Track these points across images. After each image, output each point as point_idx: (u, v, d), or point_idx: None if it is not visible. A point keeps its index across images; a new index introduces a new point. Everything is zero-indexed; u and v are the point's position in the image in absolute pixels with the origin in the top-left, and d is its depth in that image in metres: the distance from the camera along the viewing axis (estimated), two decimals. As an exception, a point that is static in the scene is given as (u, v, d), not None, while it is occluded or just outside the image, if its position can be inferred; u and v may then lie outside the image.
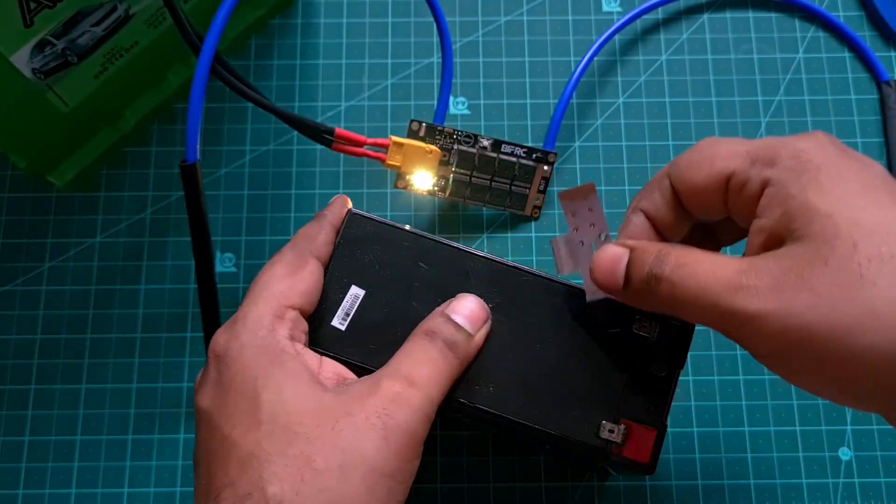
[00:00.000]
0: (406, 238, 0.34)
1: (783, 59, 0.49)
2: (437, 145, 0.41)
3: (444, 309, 0.32)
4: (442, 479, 0.42)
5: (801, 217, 0.26)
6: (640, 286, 0.29)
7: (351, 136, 0.38)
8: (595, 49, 0.46)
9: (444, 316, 0.32)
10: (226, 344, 0.30)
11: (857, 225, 0.25)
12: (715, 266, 0.27)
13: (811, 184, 0.26)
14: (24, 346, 0.44)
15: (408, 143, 0.40)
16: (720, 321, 0.27)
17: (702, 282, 0.27)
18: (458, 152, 0.41)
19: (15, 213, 0.46)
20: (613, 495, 0.42)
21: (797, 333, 0.25)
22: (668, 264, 0.28)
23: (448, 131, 0.41)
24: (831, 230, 0.25)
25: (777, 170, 0.28)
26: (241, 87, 0.37)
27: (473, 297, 0.33)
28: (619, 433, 0.32)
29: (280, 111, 0.37)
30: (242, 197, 0.47)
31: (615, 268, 0.30)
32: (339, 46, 0.49)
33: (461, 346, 0.32)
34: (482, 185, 0.42)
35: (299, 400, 0.29)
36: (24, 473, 0.42)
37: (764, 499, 0.42)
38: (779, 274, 0.26)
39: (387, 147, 0.40)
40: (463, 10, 0.50)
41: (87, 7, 0.38)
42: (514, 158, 0.42)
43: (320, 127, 0.38)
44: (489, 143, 0.42)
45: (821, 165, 0.27)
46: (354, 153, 0.39)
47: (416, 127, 0.41)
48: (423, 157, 0.41)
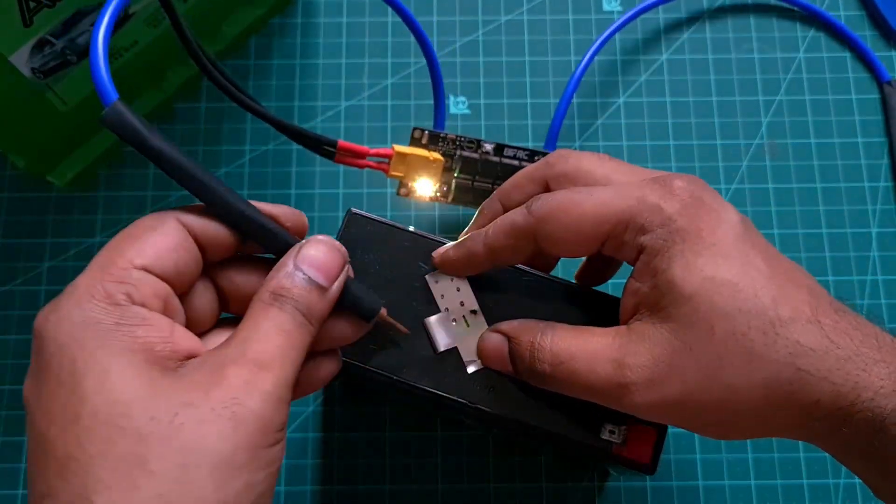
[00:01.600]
0: (406, 238, 0.34)
1: (784, 58, 0.49)
2: (439, 151, 0.41)
3: (293, 258, 0.27)
4: (442, 479, 0.42)
5: (668, 296, 0.28)
6: (530, 377, 0.31)
7: (354, 147, 0.37)
8: (596, 48, 0.46)
9: (294, 268, 0.27)
10: (44, 316, 0.25)
11: (714, 308, 0.27)
12: (592, 362, 0.29)
13: (677, 259, 0.28)
14: (24, 346, 0.44)
15: (411, 153, 0.39)
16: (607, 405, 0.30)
17: (583, 380, 0.29)
18: (461, 158, 0.41)
19: (14, 213, 0.46)
20: (614, 495, 0.42)
21: (673, 411, 0.29)
22: (545, 362, 0.30)
23: (451, 137, 0.41)
24: (692, 315, 0.28)
25: (649, 237, 0.29)
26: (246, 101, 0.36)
27: (326, 238, 0.28)
28: (620, 433, 0.32)
29: (282, 124, 0.36)
30: (242, 197, 0.46)
31: (501, 356, 0.32)
32: (338, 46, 0.49)
33: (315, 307, 0.27)
34: (484, 189, 0.42)
35: (127, 386, 0.24)
36: (25, 473, 0.42)
37: (765, 499, 0.42)
38: (652, 365, 0.28)
39: (390, 157, 0.39)
40: (463, 9, 0.50)
41: (87, 6, 0.38)
42: (517, 162, 0.42)
43: (322, 139, 0.36)
44: (492, 147, 0.41)
45: (686, 235, 0.28)
46: (357, 165, 0.38)
47: (419, 134, 0.40)
48: (427, 167, 0.40)
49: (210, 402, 0.24)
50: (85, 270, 0.25)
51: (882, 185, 0.47)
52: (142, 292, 0.25)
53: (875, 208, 0.47)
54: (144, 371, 0.24)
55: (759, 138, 0.48)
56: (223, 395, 0.24)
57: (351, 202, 0.46)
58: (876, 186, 0.47)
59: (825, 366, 0.26)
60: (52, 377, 0.24)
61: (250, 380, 0.25)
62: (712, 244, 0.28)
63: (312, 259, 0.27)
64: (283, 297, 0.27)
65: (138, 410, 0.23)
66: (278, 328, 0.26)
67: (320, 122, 0.48)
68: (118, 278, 0.25)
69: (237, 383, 0.25)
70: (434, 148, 0.41)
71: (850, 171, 0.47)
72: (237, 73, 0.48)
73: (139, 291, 0.25)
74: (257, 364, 0.25)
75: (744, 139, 0.48)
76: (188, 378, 0.25)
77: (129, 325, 0.24)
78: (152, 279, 0.26)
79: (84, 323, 0.24)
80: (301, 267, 0.27)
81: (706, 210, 0.29)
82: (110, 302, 0.25)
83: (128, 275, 0.25)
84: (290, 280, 0.27)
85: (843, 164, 0.47)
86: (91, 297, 0.24)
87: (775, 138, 0.48)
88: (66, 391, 0.24)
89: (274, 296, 0.27)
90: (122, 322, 0.24)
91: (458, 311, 0.33)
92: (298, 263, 0.27)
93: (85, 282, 0.25)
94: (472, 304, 0.33)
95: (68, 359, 0.24)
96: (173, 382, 0.24)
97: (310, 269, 0.27)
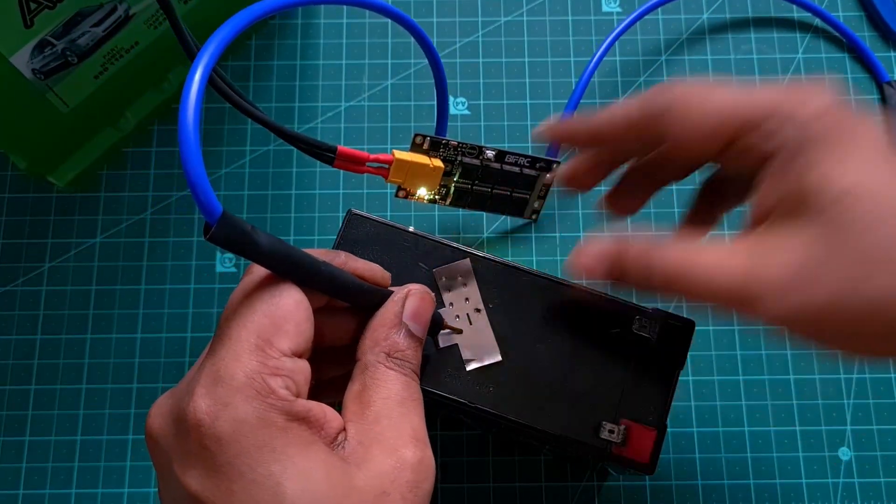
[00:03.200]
0: (406, 238, 0.34)
1: (783, 59, 0.49)
2: (440, 157, 0.40)
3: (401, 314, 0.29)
4: (442, 479, 0.42)
5: (813, 197, 0.26)
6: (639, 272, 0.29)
7: (353, 153, 0.36)
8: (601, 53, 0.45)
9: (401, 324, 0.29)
10: (213, 414, 0.24)
11: (866, 210, 0.25)
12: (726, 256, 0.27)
13: (822, 160, 0.26)
14: (24, 347, 0.44)
15: (411, 160, 0.38)
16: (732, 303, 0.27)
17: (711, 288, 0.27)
18: (461, 164, 0.40)
19: (15, 214, 0.46)
20: (613, 495, 0.42)
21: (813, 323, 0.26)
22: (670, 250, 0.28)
23: (453, 144, 0.40)
24: (843, 215, 0.25)
25: (783, 139, 0.27)
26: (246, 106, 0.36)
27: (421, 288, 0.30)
28: (619, 433, 0.32)
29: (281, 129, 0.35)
30: (242, 197, 0.47)
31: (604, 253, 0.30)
32: (339, 47, 0.49)
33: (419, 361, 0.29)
34: (483, 193, 0.42)
35: (330, 484, 0.25)
36: (25, 473, 0.42)
37: (764, 499, 0.42)
38: (791, 272, 0.26)
39: (389, 163, 0.38)
40: (463, 10, 0.50)
41: (87, 8, 0.38)
42: (518, 168, 0.41)
43: (322, 146, 0.36)
44: (493, 153, 0.41)
45: (829, 139, 0.26)
46: (356, 171, 0.37)
47: (420, 140, 0.39)
48: (427, 174, 0.39)
49: (399, 488, 0.26)
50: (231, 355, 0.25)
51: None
52: (297, 382, 0.26)
53: (874, 208, 0.47)
54: (333, 465, 0.25)
55: (759, 139, 0.48)
56: (407, 479, 0.26)
57: (351, 203, 0.46)
58: (875, 187, 0.47)
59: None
60: (243, 478, 0.24)
61: (423, 458, 0.26)
62: (859, 148, 0.26)
63: (414, 313, 0.29)
64: (400, 359, 0.28)
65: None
66: (412, 398, 0.28)
67: (321, 122, 0.48)
68: (275, 370, 0.25)
69: (413, 463, 0.26)
70: (435, 154, 0.40)
71: (849, 172, 0.47)
72: (237, 74, 0.48)
73: (295, 382, 0.26)
74: (420, 441, 0.27)
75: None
76: (369, 466, 0.26)
77: (299, 420, 0.25)
78: (301, 364, 0.26)
79: (261, 422, 0.24)
80: (408, 323, 0.29)
81: (848, 117, 0.27)
82: (277, 398, 0.25)
83: (282, 365, 0.25)
84: (401, 337, 0.28)
85: (842, 165, 0.48)
86: (258, 394, 0.25)
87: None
88: (268, 493, 0.24)
89: (391, 358, 0.28)
90: (293, 418, 0.25)
91: (463, 307, 0.33)
92: (406, 320, 0.29)
93: (243, 373, 0.25)
94: (477, 303, 0.33)
95: (260, 461, 0.24)
96: (362, 474, 0.25)
97: (413, 324, 0.29)
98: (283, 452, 0.24)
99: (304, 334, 0.27)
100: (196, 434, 0.24)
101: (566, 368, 0.33)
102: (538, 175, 0.42)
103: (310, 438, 0.25)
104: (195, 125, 0.24)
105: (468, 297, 0.34)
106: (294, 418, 0.25)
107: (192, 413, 0.25)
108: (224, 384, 0.25)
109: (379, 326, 0.29)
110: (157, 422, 0.27)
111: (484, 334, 0.33)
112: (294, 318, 0.26)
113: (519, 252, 0.46)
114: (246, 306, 0.26)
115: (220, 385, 0.25)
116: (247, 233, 0.25)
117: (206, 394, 0.25)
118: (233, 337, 0.26)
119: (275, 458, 0.24)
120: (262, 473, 0.24)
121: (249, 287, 0.27)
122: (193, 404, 0.25)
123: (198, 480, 0.25)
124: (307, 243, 0.46)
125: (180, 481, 0.25)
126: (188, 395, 0.25)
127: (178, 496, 0.25)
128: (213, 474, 0.24)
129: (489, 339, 0.33)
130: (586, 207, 0.46)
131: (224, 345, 0.26)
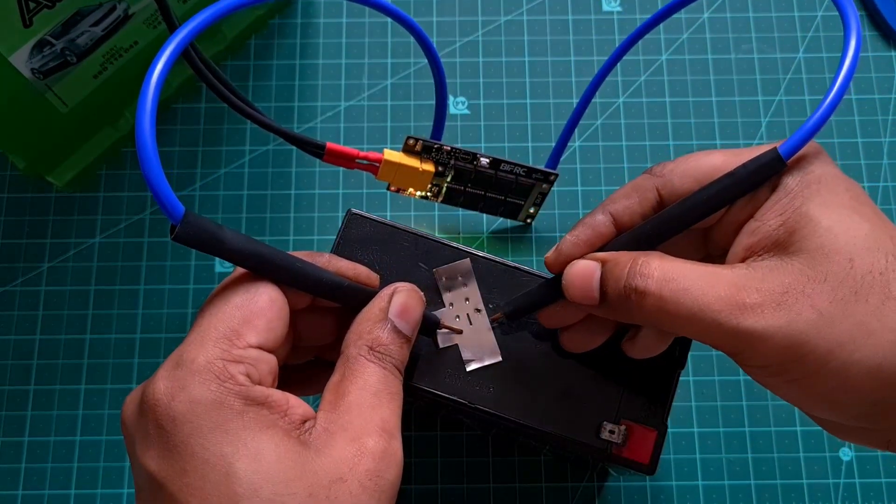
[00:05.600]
0: (406, 238, 0.34)
1: (783, 58, 0.49)
2: (432, 160, 0.39)
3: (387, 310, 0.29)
4: (442, 479, 0.42)
5: (803, 229, 0.27)
6: (619, 300, 0.29)
7: (342, 150, 0.36)
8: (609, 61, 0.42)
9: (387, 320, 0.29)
10: (169, 394, 0.25)
11: (854, 240, 0.26)
12: (706, 281, 0.27)
13: (813, 197, 0.27)
14: (24, 347, 0.44)
15: (400, 162, 0.38)
16: (719, 339, 0.27)
17: (698, 300, 0.27)
18: (454, 167, 0.39)
19: (14, 214, 0.46)
20: (613, 495, 0.42)
21: (798, 349, 0.26)
22: (650, 277, 0.28)
23: (446, 149, 0.39)
24: (830, 245, 0.26)
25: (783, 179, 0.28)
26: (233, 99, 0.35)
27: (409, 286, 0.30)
28: (620, 433, 0.32)
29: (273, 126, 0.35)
30: (242, 197, 0.46)
31: (588, 282, 0.30)
32: (338, 46, 0.49)
33: (404, 358, 0.29)
34: (476, 195, 0.41)
35: (283, 465, 0.25)
36: (24, 474, 0.42)
37: (764, 499, 0.42)
38: (781, 289, 0.26)
39: (379, 162, 0.37)
40: (463, 9, 0.50)
41: (86, 7, 0.38)
42: (513, 177, 0.40)
43: (312, 143, 0.35)
44: (488, 161, 0.40)
45: (821, 178, 0.28)
46: (346, 166, 0.37)
47: (413, 143, 0.38)
48: (416, 176, 0.39)
49: (357, 475, 0.26)
50: (196, 341, 0.26)
51: (881, 186, 0.47)
52: (260, 371, 0.27)
53: (875, 208, 0.47)
54: (289, 448, 0.25)
55: (759, 139, 0.48)
56: (367, 467, 0.26)
57: (351, 203, 0.46)
58: (875, 186, 0.47)
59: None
60: (195, 457, 0.25)
61: (387, 448, 0.27)
62: (846, 191, 0.28)
63: (401, 310, 0.29)
64: (381, 353, 0.28)
65: (298, 488, 0.25)
66: (388, 391, 0.28)
67: (320, 122, 0.48)
68: (237, 358, 0.26)
69: (377, 452, 0.26)
70: (427, 158, 0.39)
71: (850, 172, 0.47)
72: (237, 74, 0.48)
73: (258, 371, 0.26)
74: (388, 432, 0.27)
75: (743, 139, 0.48)
76: (329, 452, 0.26)
77: (256, 405, 0.26)
78: (267, 356, 0.27)
79: (216, 404, 0.25)
80: (393, 319, 0.29)
81: (834, 167, 0.29)
82: (235, 383, 0.26)
83: (246, 354, 0.26)
84: (385, 332, 0.29)
85: (842, 165, 0.47)
86: (215, 378, 0.25)
87: (774, 139, 0.48)
88: (219, 473, 0.24)
89: (373, 351, 0.28)
90: (250, 402, 0.26)
91: (463, 307, 0.33)
92: (391, 316, 0.29)
93: (204, 358, 0.26)
94: (477, 303, 0.33)
95: (213, 441, 0.25)
96: (319, 458, 0.26)
97: (400, 321, 0.29)
98: (235, 434, 0.25)
99: (275, 332, 0.27)
100: (153, 414, 0.25)
101: (566, 369, 0.33)
102: (534, 184, 0.42)
103: (266, 423, 0.26)
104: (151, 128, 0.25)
105: (468, 297, 0.33)
106: (251, 403, 0.26)
107: (151, 394, 0.26)
108: (184, 367, 0.26)
109: (364, 321, 0.29)
110: (129, 408, 0.27)
111: (484, 334, 0.33)
112: (266, 315, 0.27)
113: (519, 252, 0.46)
114: (220, 299, 0.27)
115: (180, 368, 0.26)
116: (212, 231, 0.26)
117: (166, 376, 0.26)
118: (203, 325, 0.27)
119: (227, 439, 0.25)
120: (214, 453, 0.25)
121: (228, 282, 0.28)
122: (153, 385, 0.26)
123: (155, 461, 0.25)
124: (307, 243, 0.46)
125: (140, 462, 0.26)
126: (150, 378, 0.26)
127: (141, 478, 0.26)
128: (167, 454, 0.25)
129: (489, 340, 0.33)
130: (587, 207, 0.46)
131: (193, 332, 0.27)
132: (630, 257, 0.29)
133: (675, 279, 0.27)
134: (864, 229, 0.26)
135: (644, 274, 0.28)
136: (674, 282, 0.27)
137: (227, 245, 0.26)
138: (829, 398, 0.27)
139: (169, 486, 0.25)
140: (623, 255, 0.29)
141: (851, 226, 0.27)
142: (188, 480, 0.25)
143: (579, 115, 0.42)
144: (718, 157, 0.30)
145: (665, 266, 0.28)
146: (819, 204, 0.27)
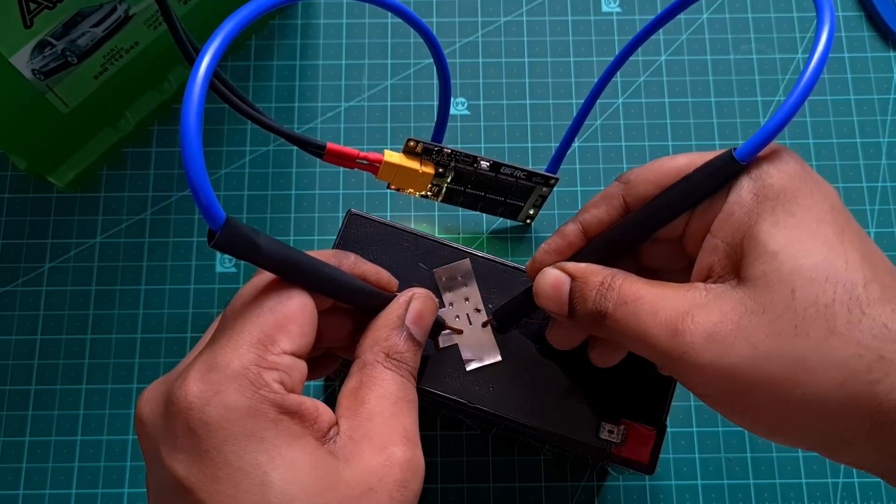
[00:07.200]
0: (406, 238, 0.34)
1: (782, 59, 0.49)
2: (433, 161, 0.39)
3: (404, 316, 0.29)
4: (442, 479, 0.42)
5: (749, 252, 0.26)
6: (586, 319, 0.29)
7: (342, 150, 0.36)
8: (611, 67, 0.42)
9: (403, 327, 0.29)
10: (203, 399, 0.25)
11: (800, 269, 0.25)
12: (656, 306, 0.27)
13: (765, 215, 0.26)
14: (24, 347, 0.44)
15: (400, 164, 0.38)
16: (662, 364, 0.27)
17: (643, 324, 0.27)
18: (454, 169, 0.39)
19: (15, 214, 0.46)
20: (613, 495, 0.42)
21: (733, 382, 0.25)
22: (610, 300, 0.28)
23: (446, 151, 0.38)
24: (773, 274, 0.25)
25: (736, 191, 0.27)
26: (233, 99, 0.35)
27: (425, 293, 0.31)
28: (619, 433, 0.32)
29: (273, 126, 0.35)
30: (242, 197, 0.47)
31: (558, 294, 0.30)
32: (338, 47, 0.49)
33: (417, 365, 0.29)
34: (476, 196, 0.41)
35: (316, 475, 0.25)
36: (25, 473, 0.42)
37: (763, 499, 0.42)
38: (716, 320, 0.25)
39: (379, 163, 0.37)
40: (462, 10, 0.50)
41: (87, 8, 0.38)
42: (513, 179, 0.40)
43: (312, 143, 0.36)
44: (488, 164, 0.39)
45: (779, 193, 0.26)
46: (347, 166, 0.37)
47: (413, 145, 0.38)
48: (415, 177, 0.39)
49: (387, 486, 0.26)
50: (230, 345, 0.26)
51: (880, 186, 0.47)
52: (293, 379, 0.26)
53: (874, 208, 0.47)
54: (320, 458, 0.25)
55: (758, 139, 0.48)
56: (395, 477, 0.26)
57: (351, 203, 0.46)
58: (874, 187, 0.47)
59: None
60: (228, 465, 0.24)
61: (412, 458, 0.27)
62: (808, 208, 0.26)
63: (417, 316, 0.29)
64: (398, 360, 0.28)
65: (330, 498, 0.25)
66: (407, 398, 0.28)
67: (320, 123, 0.48)
68: (272, 364, 0.26)
69: (403, 462, 0.26)
70: (427, 159, 0.39)
71: (848, 172, 0.48)
72: (237, 74, 0.48)
73: (291, 379, 0.26)
74: (410, 441, 0.27)
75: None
76: (357, 462, 0.26)
77: (290, 414, 0.25)
78: (300, 364, 0.27)
79: (251, 411, 0.25)
80: (410, 326, 0.29)
81: (803, 176, 0.27)
82: (270, 391, 0.25)
83: (280, 361, 0.26)
84: (402, 340, 0.29)
85: (841, 165, 0.48)
86: (251, 384, 0.25)
87: (774, 139, 0.48)
88: (253, 482, 0.24)
89: (389, 358, 0.28)
90: (284, 411, 0.25)
91: (463, 307, 0.33)
92: (408, 322, 0.29)
93: (239, 363, 0.25)
94: (477, 303, 0.33)
95: (248, 449, 0.24)
96: (350, 469, 0.26)
97: (415, 328, 0.29)
98: (271, 443, 0.25)
99: (307, 337, 0.27)
100: (184, 417, 0.25)
101: (566, 368, 0.33)
102: (534, 187, 0.41)
103: (299, 432, 0.25)
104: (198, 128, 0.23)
105: (468, 297, 0.34)
106: (285, 411, 0.25)
107: (183, 396, 0.25)
108: (218, 371, 0.25)
109: (381, 326, 0.29)
110: (148, 406, 0.27)
111: (484, 334, 0.33)
112: (299, 321, 0.27)
113: (519, 252, 0.46)
114: (254, 303, 0.27)
115: (215, 372, 0.25)
116: (250, 239, 0.25)
117: (200, 378, 0.25)
118: (236, 329, 0.26)
119: (262, 448, 0.24)
120: (248, 462, 0.24)
121: (260, 285, 0.27)
122: (185, 388, 0.25)
123: (184, 465, 0.25)
124: (307, 243, 0.46)
125: (166, 466, 0.25)
126: (181, 379, 0.25)
127: (164, 481, 0.25)
128: (198, 459, 0.24)
129: (489, 339, 0.33)
130: (586, 207, 0.46)
131: (226, 335, 0.26)
132: (599, 277, 0.29)
133: (629, 302, 0.27)
134: (815, 256, 0.25)
135: (605, 296, 0.28)
136: (626, 305, 0.27)
137: (261, 251, 0.26)
138: (777, 431, 0.26)
139: (198, 492, 0.24)
140: (592, 273, 0.29)
141: (801, 251, 0.25)
142: (220, 488, 0.24)
143: (581, 121, 0.42)
144: (682, 160, 0.29)
145: (624, 287, 0.28)
146: (771, 224, 0.26)
